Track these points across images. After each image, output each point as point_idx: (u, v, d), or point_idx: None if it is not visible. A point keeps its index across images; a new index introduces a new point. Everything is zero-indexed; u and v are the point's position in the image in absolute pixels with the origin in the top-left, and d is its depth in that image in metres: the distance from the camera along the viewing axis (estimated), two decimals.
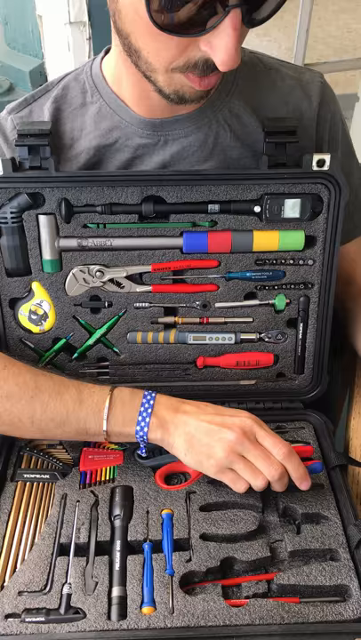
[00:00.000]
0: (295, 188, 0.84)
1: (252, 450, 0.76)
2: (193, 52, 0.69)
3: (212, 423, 0.78)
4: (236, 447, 0.76)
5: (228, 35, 0.65)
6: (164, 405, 0.81)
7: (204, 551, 0.78)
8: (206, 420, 0.79)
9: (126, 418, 0.81)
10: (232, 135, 0.88)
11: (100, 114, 0.87)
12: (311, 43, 2.11)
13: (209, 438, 0.78)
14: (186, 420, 0.80)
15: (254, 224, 0.86)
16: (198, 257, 0.88)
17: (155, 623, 0.71)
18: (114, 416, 0.81)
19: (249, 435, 0.77)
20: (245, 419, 0.79)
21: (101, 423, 0.81)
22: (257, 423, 0.79)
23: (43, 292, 0.89)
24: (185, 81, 0.73)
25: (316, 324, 0.92)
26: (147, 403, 0.81)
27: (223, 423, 0.78)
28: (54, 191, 0.83)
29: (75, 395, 0.82)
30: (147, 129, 0.86)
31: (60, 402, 0.81)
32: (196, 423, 0.79)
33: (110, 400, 0.81)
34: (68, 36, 1.62)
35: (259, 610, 0.72)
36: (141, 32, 0.69)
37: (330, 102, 0.92)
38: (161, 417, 0.80)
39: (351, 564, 0.77)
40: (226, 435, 0.77)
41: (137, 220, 0.85)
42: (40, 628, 0.71)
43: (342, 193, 0.84)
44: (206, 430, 0.78)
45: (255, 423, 0.78)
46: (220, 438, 0.77)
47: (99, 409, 0.81)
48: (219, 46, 0.66)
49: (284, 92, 0.90)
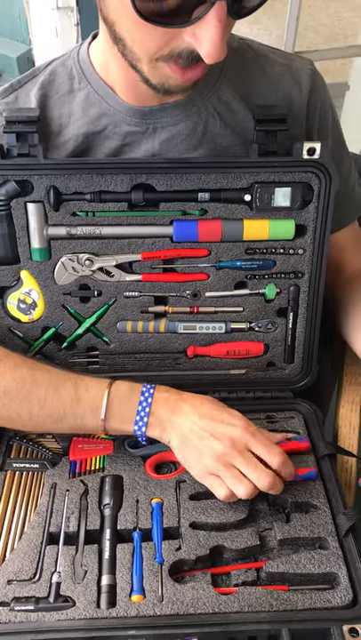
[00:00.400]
0: (286, 176, 0.84)
1: (239, 460, 0.76)
2: (178, 43, 0.68)
3: (204, 430, 0.78)
4: (224, 457, 0.77)
5: (213, 26, 0.64)
6: (162, 403, 0.81)
7: (194, 540, 0.78)
8: (199, 425, 0.79)
9: (124, 416, 0.81)
10: (222, 123, 0.87)
11: (87, 100, 0.86)
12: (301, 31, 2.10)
13: (200, 443, 0.78)
14: (182, 421, 0.80)
15: (245, 213, 0.86)
16: (188, 246, 0.87)
17: (144, 611, 0.71)
18: (111, 414, 0.81)
19: (238, 445, 0.77)
20: (237, 428, 0.78)
21: (99, 421, 0.81)
22: (249, 432, 0.78)
23: (31, 280, 0.88)
24: (169, 72, 0.72)
25: (306, 314, 0.92)
26: (145, 401, 0.81)
27: (214, 432, 0.78)
28: (43, 179, 0.82)
29: (71, 391, 0.81)
30: (135, 117, 0.85)
31: (57, 398, 0.81)
32: (190, 425, 0.79)
33: (108, 398, 0.81)
34: (56, 22, 1.60)
35: (248, 597, 0.72)
36: (126, 21, 0.68)
37: (320, 90, 0.92)
38: (158, 416, 0.80)
39: (340, 552, 0.77)
40: (214, 444, 0.77)
41: (126, 208, 0.84)
42: (29, 617, 0.71)
43: (333, 182, 0.83)
44: (198, 435, 0.78)
45: (247, 433, 0.78)
46: (210, 447, 0.77)
47: (96, 406, 0.81)
48: (204, 38, 0.65)
49: (274, 79, 0.89)
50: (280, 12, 2.22)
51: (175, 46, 0.68)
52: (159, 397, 0.81)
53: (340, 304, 1.00)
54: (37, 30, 1.64)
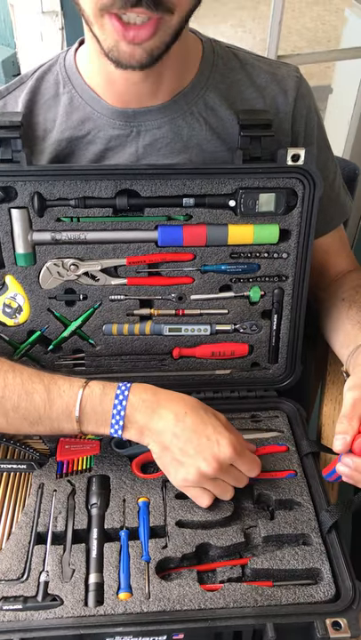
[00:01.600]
0: (270, 182, 0.85)
1: (224, 476, 0.78)
2: None
3: (188, 446, 0.77)
4: (209, 476, 0.78)
5: None
6: (139, 406, 0.79)
7: (180, 538, 0.79)
8: (183, 440, 0.78)
9: (99, 420, 0.80)
10: (207, 128, 0.88)
11: (71, 104, 0.87)
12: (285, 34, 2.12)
13: (183, 458, 0.78)
14: (162, 430, 0.78)
15: (229, 218, 0.87)
16: (173, 250, 0.88)
17: (131, 608, 0.72)
18: (85, 417, 0.80)
19: (224, 466, 0.77)
20: (224, 449, 0.77)
21: (74, 425, 0.81)
22: (236, 452, 0.77)
23: (17, 285, 0.89)
24: (114, 32, 0.71)
25: (290, 315, 0.94)
26: (119, 404, 0.79)
27: (201, 452, 0.77)
28: (26, 185, 0.83)
29: (44, 394, 0.80)
30: (119, 119, 0.86)
31: (30, 403, 0.80)
32: (171, 438, 0.78)
33: (80, 401, 0.80)
34: (41, 26, 1.60)
35: (233, 594, 0.74)
36: None
37: (306, 97, 0.93)
38: (135, 420, 0.79)
39: (323, 548, 0.79)
40: (200, 464, 0.77)
41: (111, 213, 0.85)
42: (18, 616, 0.72)
43: (316, 187, 0.85)
44: (182, 451, 0.78)
45: (234, 454, 0.77)
46: (195, 465, 0.77)
47: (70, 411, 0.80)
48: None
49: (260, 87, 0.90)
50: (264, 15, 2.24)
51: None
52: (135, 400, 0.80)
53: (322, 306, 1.02)
54: (22, 34, 1.64)
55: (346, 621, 0.71)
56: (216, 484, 0.79)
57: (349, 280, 1.01)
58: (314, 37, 4.22)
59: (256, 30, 3.93)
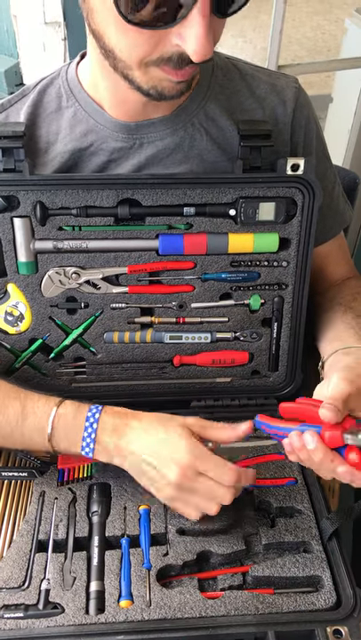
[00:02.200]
0: (270, 191, 0.86)
1: (194, 486, 0.76)
2: (166, 47, 0.69)
3: (153, 461, 0.77)
4: (179, 488, 0.76)
5: (197, 23, 0.65)
6: (108, 430, 0.79)
7: (181, 545, 0.79)
8: (148, 454, 0.77)
9: (70, 439, 0.80)
10: (208, 139, 0.89)
11: (75, 117, 0.88)
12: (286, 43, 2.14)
13: (153, 475, 0.77)
14: (130, 451, 0.78)
15: (229, 227, 0.88)
16: (174, 258, 0.89)
17: (132, 616, 0.72)
18: (57, 436, 0.80)
19: (189, 474, 0.75)
20: (183, 453, 0.75)
21: (46, 442, 0.80)
22: (197, 458, 0.75)
23: (19, 293, 0.89)
24: (162, 74, 0.73)
25: (290, 324, 0.94)
26: (90, 426, 0.79)
27: (163, 461, 0.76)
28: (29, 194, 0.83)
29: (18, 409, 0.81)
30: (122, 132, 0.87)
31: (3, 416, 0.81)
32: (138, 456, 0.78)
33: (53, 419, 0.80)
34: (44, 36, 1.62)
35: (234, 601, 0.74)
36: (113, 30, 0.69)
37: (305, 107, 0.94)
38: (104, 445, 0.79)
39: (323, 555, 0.79)
40: (167, 475, 0.76)
41: (113, 222, 0.86)
42: (19, 624, 0.72)
43: (316, 196, 0.86)
44: (147, 470, 0.77)
45: (194, 458, 0.75)
46: (164, 479, 0.76)
47: (42, 427, 0.80)
48: (189, 36, 0.66)
49: (260, 98, 0.91)
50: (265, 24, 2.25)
51: (164, 50, 0.70)
52: (105, 423, 0.79)
53: (319, 310, 1.02)
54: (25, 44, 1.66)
55: (347, 629, 0.71)
56: (193, 498, 0.77)
57: (348, 287, 1.01)
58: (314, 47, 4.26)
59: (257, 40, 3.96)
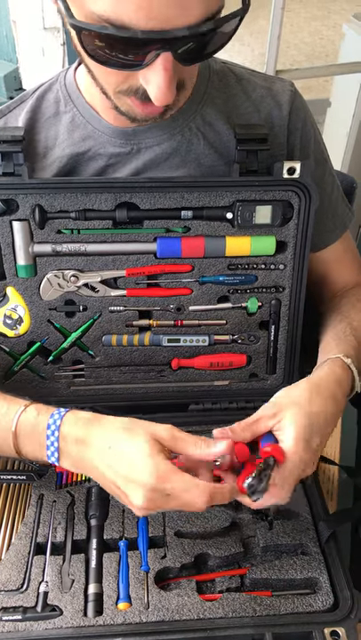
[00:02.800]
0: (266, 194, 0.86)
1: (165, 508, 0.69)
2: (134, 81, 0.70)
3: (115, 479, 0.70)
4: (147, 509, 0.69)
5: (159, 73, 0.65)
6: (70, 440, 0.73)
7: (179, 548, 0.80)
8: (111, 473, 0.70)
9: (35, 448, 0.75)
10: (205, 143, 0.89)
11: (73, 123, 0.89)
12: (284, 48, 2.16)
13: (119, 494, 0.71)
14: (93, 466, 0.72)
15: (227, 230, 0.88)
16: (172, 262, 0.89)
17: (130, 618, 0.72)
18: (21, 444, 0.76)
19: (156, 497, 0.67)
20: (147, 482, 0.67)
21: (12, 449, 0.77)
22: (163, 479, 0.67)
23: (17, 296, 0.90)
24: (132, 104, 0.74)
25: (287, 326, 0.95)
26: (52, 435, 0.74)
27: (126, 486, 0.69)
28: (28, 197, 0.84)
29: None
30: (119, 138, 0.87)
31: None
32: (101, 473, 0.71)
33: (16, 427, 0.76)
34: (43, 42, 1.63)
35: (232, 603, 0.74)
36: (87, 58, 0.70)
37: (300, 110, 0.94)
38: (67, 454, 0.74)
39: (321, 557, 0.79)
40: (133, 500, 0.69)
41: (111, 225, 0.87)
42: (17, 627, 0.72)
43: (312, 200, 0.86)
44: (112, 488, 0.72)
45: (159, 480, 0.67)
46: (131, 500, 0.69)
47: (7, 434, 0.76)
48: (152, 82, 0.67)
49: (256, 101, 0.92)
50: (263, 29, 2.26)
51: (132, 84, 0.71)
52: (67, 433, 0.73)
53: (321, 320, 1.02)
54: (24, 50, 1.67)
55: (344, 631, 0.71)
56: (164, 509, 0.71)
57: (349, 295, 1.00)
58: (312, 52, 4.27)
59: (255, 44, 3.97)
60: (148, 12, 0.60)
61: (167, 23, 0.61)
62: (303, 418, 0.74)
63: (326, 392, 0.79)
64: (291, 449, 0.72)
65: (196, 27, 0.62)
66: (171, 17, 0.61)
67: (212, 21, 0.63)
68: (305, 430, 0.73)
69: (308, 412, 0.74)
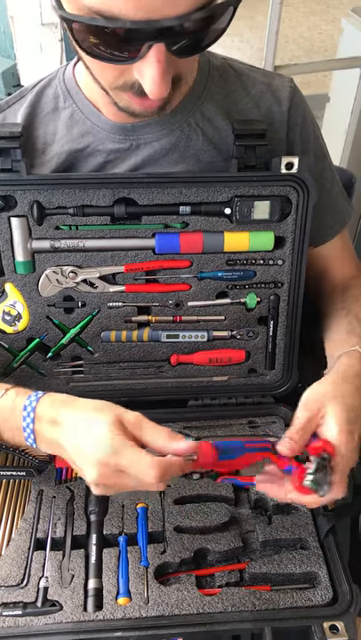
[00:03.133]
0: (265, 190, 0.86)
1: (118, 484, 0.69)
2: (129, 76, 0.70)
3: (76, 457, 0.71)
4: (103, 486, 0.70)
5: (152, 66, 0.65)
6: (44, 421, 0.74)
7: (178, 543, 0.80)
8: (73, 451, 0.71)
9: (14, 432, 0.76)
10: (204, 139, 0.89)
11: (72, 119, 0.89)
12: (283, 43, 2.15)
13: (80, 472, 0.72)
14: (60, 445, 0.73)
15: (225, 225, 0.88)
16: (171, 257, 0.89)
17: (130, 613, 0.73)
18: (3, 429, 0.77)
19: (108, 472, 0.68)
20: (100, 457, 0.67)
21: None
22: (116, 454, 0.67)
23: (16, 292, 0.90)
24: (130, 100, 0.74)
25: (286, 322, 0.95)
26: (27, 416, 0.74)
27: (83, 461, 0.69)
28: (26, 194, 0.84)
29: None
30: (118, 134, 0.87)
31: None
32: (67, 451, 0.72)
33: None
34: (41, 37, 1.62)
35: (231, 598, 0.74)
36: (84, 55, 0.70)
37: (300, 106, 0.94)
38: (42, 436, 0.74)
39: (320, 552, 0.80)
40: (87, 475, 0.69)
41: (109, 221, 0.86)
42: (17, 622, 0.72)
43: (310, 195, 0.86)
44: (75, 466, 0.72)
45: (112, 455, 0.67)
46: (87, 479, 0.70)
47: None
48: (146, 76, 0.67)
49: (256, 97, 0.92)
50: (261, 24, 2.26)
51: (128, 78, 0.71)
52: (41, 414, 0.74)
53: (323, 315, 1.01)
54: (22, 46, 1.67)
55: (343, 625, 0.72)
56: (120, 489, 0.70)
57: (350, 289, 1.01)
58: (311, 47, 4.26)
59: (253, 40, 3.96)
60: (136, 3, 0.60)
61: (156, 13, 0.61)
62: (343, 410, 0.75)
63: (353, 384, 0.80)
64: (337, 441, 0.73)
65: (186, 16, 0.62)
66: (159, 7, 0.61)
67: (204, 11, 0.63)
68: (347, 422, 0.74)
69: (346, 404, 0.76)
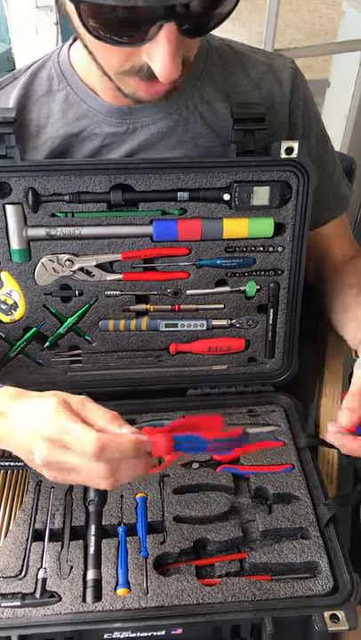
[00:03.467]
0: (264, 175, 0.84)
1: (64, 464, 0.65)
2: (137, 59, 0.69)
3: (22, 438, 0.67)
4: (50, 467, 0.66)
5: (162, 46, 0.64)
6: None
7: (178, 533, 0.79)
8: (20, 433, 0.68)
9: None
10: (203, 122, 0.88)
11: (67, 101, 0.87)
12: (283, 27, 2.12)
13: (28, 456, 0.68)
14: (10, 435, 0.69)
15: (224, 212, 0.87)
16: (169, 245, 0.88)
17: (129, 604, 0.72)
18: None
19: (55, 448, 0.64)
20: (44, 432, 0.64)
21: None
22: (60, 428, 0.64)
23: (12, 281, 0.88)
24: (136, 86, 0.73)
25: (286, 310, 0.94)
26: None
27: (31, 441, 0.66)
28: (21, 180, 0.82)
29: None
30: (115, 117, 0.86)
31: None
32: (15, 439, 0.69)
33: None
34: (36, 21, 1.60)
35: (231, 588, 0.74)
36: (88, 38, 0.68)
37: (301, 88, 0.92)
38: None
39: (321, 541, 0.79)
40: (34, 454, 0.66)
41: (106, 208, 0.85)
42: (16, 613, 0.72)
43: (311, 180, 0.84)
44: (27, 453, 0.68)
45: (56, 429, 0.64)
46: (35, 463, 0.66)
47: None
48: (156, 57, 0.66)
49: (256, 79, 0.90)
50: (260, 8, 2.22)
51: (135, 62, 0.69)
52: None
53: (328, 295, 1.01)
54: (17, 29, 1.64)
55: (344, 614, 0.71)
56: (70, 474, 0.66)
57: (355, 267, 1.00)
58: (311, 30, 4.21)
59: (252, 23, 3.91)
60: None
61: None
62: None
63: None
64: None
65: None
66: None
67: None
68: None
69: None
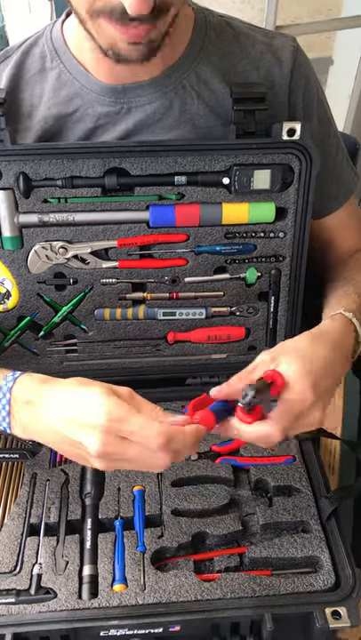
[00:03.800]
0: (265, 158, 0.82)
1: (122, 454, 0.64)
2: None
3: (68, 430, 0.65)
4: (105, 458, 0.65)
5: None
6: (20, 401, 0.69)
7: (176, 527, 0.78)
8: (63, 425, 0.66)
9: None
10: (200, 102, 0.85)
11: (59, 80, 0.84)
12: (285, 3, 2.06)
13: (76, 450, 0.67)
14: (44, 425, 0.68)
15: (223, 196, 0.84)
16: (166, 231, 0.86)
17: (126, 601, 0.71)
18: None
19: (112, 441, 0.63)
20: (101, 424, 0.63)
21: None
22: (118, 420, 0.63)
23: (4, 269, 0.86)
24: (113, 32, 0.70)
25: (287, 297, 0.91)
26: (3, 398, 0.70)
27: (80, 433, 0.64)
28: (11, 165, 0.80)
29: None
30: (108, 96, 0.83)
31: None
32: (55, 429, 0.67)
33: None
34: None
35: (230, 584, 0.73)
36: None
37: (303, 67, 0.89)
38: (17, 417, 0.69)
39: (322, 535, 0.78)
40: (88, 448, 0.64)
41: (100, 193, 0.83)
42: (10, 609, 0.71)
43: (313, 163, 0.82)
44: (67, 443, 0.67)
45: (114, 421, 0.63)
46: (87, 455, 0.65)
47: None
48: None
49: (255, 58, 0.87)
50: None
51: (107, 0, 0.67)
52: (18, 394, 0.70)
53: (326, 285, 0.98)
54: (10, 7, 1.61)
55: (346, 610, 0.70)
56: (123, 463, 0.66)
57: (354, 259, 0.97)
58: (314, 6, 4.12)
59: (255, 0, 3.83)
60: None
61: None
62: (301, 360, 0.70)
63: (325, 339, 0.75)
64: (293, 380, 0.68)
65: None
66: None
67: None
68: (305, 370, 0.69)
69: (306, 355, 0.71)
